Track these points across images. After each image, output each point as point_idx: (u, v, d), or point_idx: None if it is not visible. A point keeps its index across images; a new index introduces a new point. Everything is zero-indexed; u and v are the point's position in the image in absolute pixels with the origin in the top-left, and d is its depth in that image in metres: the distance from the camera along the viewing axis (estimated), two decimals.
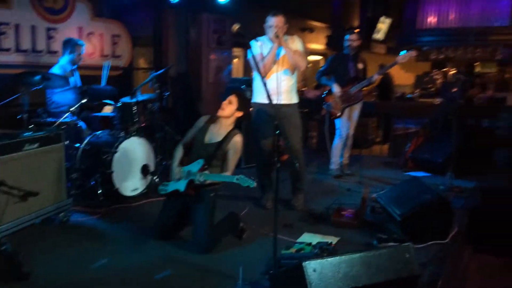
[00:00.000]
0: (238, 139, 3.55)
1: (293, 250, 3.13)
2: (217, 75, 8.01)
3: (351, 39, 5.49)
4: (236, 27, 3.19)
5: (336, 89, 5.41)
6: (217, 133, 3.60)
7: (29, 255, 3.14)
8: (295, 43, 4.22)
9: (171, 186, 3.48)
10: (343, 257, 2.31)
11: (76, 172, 4.37)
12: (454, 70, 11.89)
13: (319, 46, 11.84)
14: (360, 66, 5.57)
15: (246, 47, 10.24)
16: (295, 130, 4.19)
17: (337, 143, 5.61)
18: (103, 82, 5.23)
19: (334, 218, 3.89)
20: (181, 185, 3.40)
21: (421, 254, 3.07)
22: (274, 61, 4.12)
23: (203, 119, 3.71)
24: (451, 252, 3.24)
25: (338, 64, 5.55)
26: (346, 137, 5.59)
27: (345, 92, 5.42)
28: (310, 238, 3.51)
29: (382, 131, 8.60)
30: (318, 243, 3.15)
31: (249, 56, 4.23)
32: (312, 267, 2.23)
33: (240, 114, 3.62)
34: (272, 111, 4.15)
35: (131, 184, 4.57)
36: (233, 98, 3.62)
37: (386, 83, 8.17)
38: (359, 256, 2.32)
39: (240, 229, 3.65)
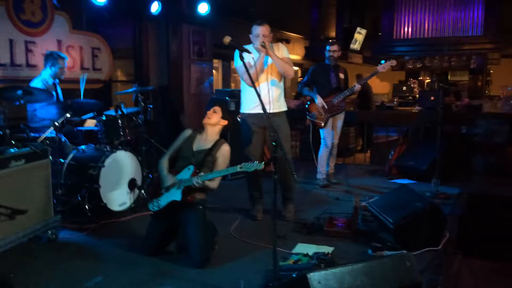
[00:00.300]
0: (226, 147, 3.57)
1: (290, 261, 3.12)
2: (198, 87, 7.99)
3: (333, 50, 5.57)
4: (228, 39, 3.19)
5: (318, 100, 5.47)
6: (204, 141, 3.60)
7: (20, 276, 3.03)
8: (281, 51, 4.23)
9: (164, 199, 3.41)
10: (346, 267, 2.31)
11: (61, 188, 4.26)
12: (429, 79, 12.22)
13: (295, 56, 11.98)
14: (341, 76, 5.65)
15: (225, 59, 10.24)
16: (286, 139, 4.20)
17: (323, 153, 5.66)
18: (82, 95, 5.13)
19: (326, 228, 3.90)
20: (176, 195, 3.34)
21: (416, 262, 3.10)
22: (262, 70, 4.12)
23: (189, 131, 3.72)
24: (445, 259, 3.28)
25: (320, 75, 5.62)
26: (331, 147, 5.65)
27: (328, 102, 5.49)
28: (304, 248, 3.50)
29: (362, 140, 8.73)
30: (315, 253, 3.15)
31: (236, 65, 4.22)
32: (316, 278, 2.22)
33: (225, 122, 3.66)
34: (261, 120, 4.17)
35: (119, 198, 4.49)
36: (217, 108, 3.69)
37: (365, 93, 8.31)
38: (362, 266, 2.33)
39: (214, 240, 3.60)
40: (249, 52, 3.60)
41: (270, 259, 3.27)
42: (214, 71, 9.65)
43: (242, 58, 3.09)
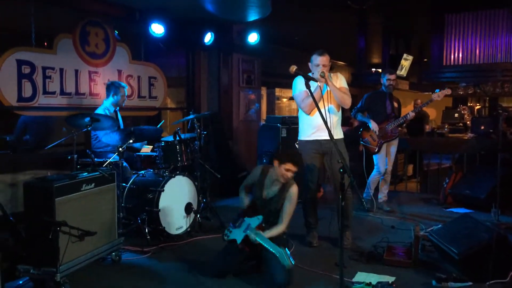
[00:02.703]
0: (294, 190, 3.64)
1: None
2: (246, 114, 8.15)
3: (392, 79, 5.60)
4: (294, 68, 3.28)
5: (373, 125, 5.48)
6: (273, 185, 3.71)
7: None
8: (339, 81, 4.28)
9: (234, 234, 3.58)
10: None
11: (122, 211, 4.41)
12: (479, 105, 11.93)
13: None
14: (395, 104, 5.67)
15: (270, 86, 10.38)
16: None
17: (374, 177, 5.65)
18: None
19: (386, 257, 3.83)
20: (238, 237, 3.52)
21: None
22: (320, 99, 4.16)
23: (258, 171, 3.81)
24: None
25: (375, 102, 5.64)
26: (383, 173, 5.61)
27: (382, 129, 5.49)
28: (365, 277, 3.46)
29: (411, 167, 8.56)
30: (378, 283, 3.11)
31: (294, 93, 4.30)
32: None
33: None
34: (320, 146, 4.20)
35: (176, 222, 4.60)
36: (291, 167, 3.61)
37: (421, 118, 8.19)
38: None
39: None
40: (315, 80, 3.66)
41: (330, 286, 3.30)
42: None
43: (308, 86, 3.15)
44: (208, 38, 6.93)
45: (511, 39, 9.09)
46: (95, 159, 4.46)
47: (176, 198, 4.63)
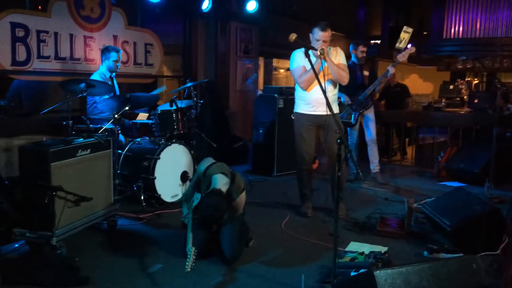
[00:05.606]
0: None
1: (346, 259, 3.13)
2: (243, 84, 8.09)
3: (363, 50, 5.56)
4: (293, 36, 3.22)
5: (345, 98, 5.45)
6: None
7: (85, 260, 3.17)
8: (338, 56, 4.23)
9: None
10: (413, 267, 2.31)
11: (118, 178, 4.41)
12: (477, 80, 11.87)
13: None
14: (366, 73, 5.63)
15: (268, 56, 10.17)
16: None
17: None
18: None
19: (379, 228, 3.88)
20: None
21: None
22: (318, 73, 4.11)
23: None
24: (505, 263, 3.22)
25: None
26: (356, 144, 5.65)
27: (355, 101, 5.49)
28: (358, 247, 3.51)
29: (402, 141, 8.54)
30: (371, 252, 3.16)
31: (292, 67, 4.26)
32: (383, 276, 2.23)
33: None
34: (316, 120, 4.19)
35: (172, 190, 4.62)
36: None
37: (401, 92, 8.12)
38: (429, 267, 2.32)
39: (248, 238, 3.62)
40: (315, 49, 3.61)
41: (323, 255, 3.35)
42: None
43: (308, 55, 3.11)
44: (206, 4, 6.80)
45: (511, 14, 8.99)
46: (91, 125, 4.45)
47: (172, 166, 4.64)
